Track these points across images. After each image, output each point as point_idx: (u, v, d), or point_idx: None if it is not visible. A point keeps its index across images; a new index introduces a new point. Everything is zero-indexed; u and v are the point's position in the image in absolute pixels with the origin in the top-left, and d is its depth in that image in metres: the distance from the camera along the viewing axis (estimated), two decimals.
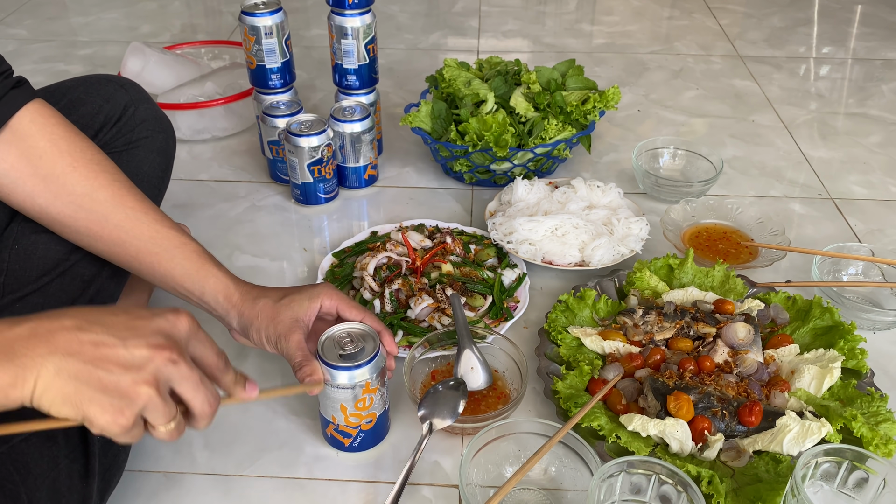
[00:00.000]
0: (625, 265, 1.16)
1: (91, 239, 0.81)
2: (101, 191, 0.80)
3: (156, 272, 0.83)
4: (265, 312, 0.83)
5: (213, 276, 0.83)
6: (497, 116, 1.27)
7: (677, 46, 2.02)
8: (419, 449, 0.85)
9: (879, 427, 0.84)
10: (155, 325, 0.57)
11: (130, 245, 0.81)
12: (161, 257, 0.82)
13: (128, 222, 0.81)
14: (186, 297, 0.85)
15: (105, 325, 0.55)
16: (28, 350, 0.53)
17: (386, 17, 2.16)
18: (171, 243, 0.82)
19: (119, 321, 0.56)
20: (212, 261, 0.85)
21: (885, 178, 1.45)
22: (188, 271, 0.83)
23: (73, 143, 0.79)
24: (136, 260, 0.82)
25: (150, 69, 1.56)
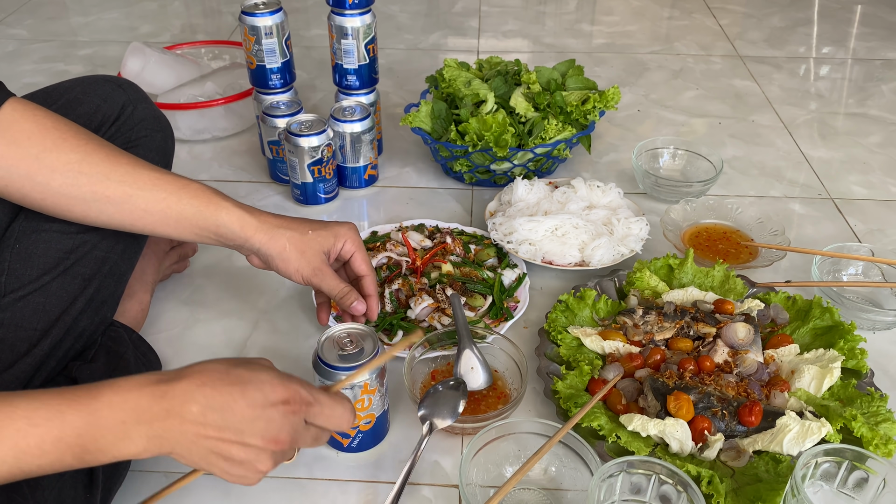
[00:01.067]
0: (625, 265, 1.16)
1: (99, 204, 0.81)
2: (95, 153, 0.80)
3: (168, 218, 0.83)
4: (293, 244, 0.86)
5: (224, 209, 0.84)
6: (497, 116, 1.27)
7: (677, 46, 2.02)
8: (419, 449, 0.85)
9: (879, 427, 0.84)
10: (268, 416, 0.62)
11: (138, 197, 0.81)
12: (169, 201, 0.82)
13: (128, 176, 0.81)
14: (203, 235, 0.85)
15: (225, 413, 0.61)
16: (164, 431, 0.61)
17: (386, 17, 2.16)
18: (174, 186, 0.82)
19: (237, 409, 0.61)
20: (220, 194, 0.85)
21: (885, 178, 1.45)
22: (198, 208, 0.83)
23: (57, 121, 0.79)
24: (146, 213, 0.82)
25: (150, 69, 1.56)
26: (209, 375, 0.62)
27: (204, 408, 0.61)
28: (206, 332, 1.08)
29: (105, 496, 0.78)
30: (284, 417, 0.63)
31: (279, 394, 0.63)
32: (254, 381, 0.62)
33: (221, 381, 0.62)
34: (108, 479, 0.78)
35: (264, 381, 0.63)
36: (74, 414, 0.58)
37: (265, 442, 0.62)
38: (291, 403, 0.63)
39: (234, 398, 0.61)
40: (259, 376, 0.63)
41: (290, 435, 0.64)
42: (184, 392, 0.61)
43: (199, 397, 0.61)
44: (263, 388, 0.62)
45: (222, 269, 1.20)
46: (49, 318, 0.82)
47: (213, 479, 0.87)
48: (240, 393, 0.61)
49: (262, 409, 0.62)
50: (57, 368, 0.84)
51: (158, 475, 0.88)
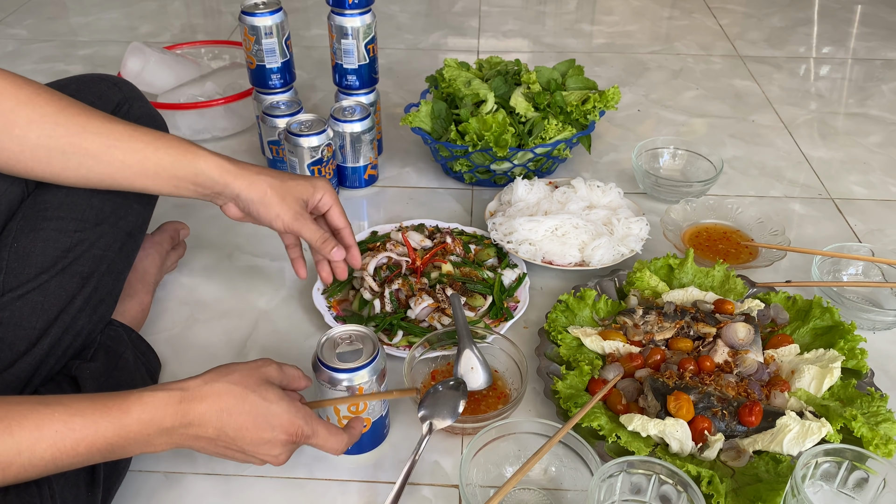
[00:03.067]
0: (625, 265, 1.16)
1: (78, 157, 0.81)
2: (70, 108, 0.80)
3: (146, 170, 0.83)
4: (274, 190, 0.87)
5: (201, 157, 0.85)
6: (497, 116, 1.27)
7: (677, 46, 2.02)
8: (419, 449, 0.85)
9: (879, 427, 0.84)
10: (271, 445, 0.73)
11: (116, 148, 0.82)
12: (146, 152, 0.82)
13: (104, 128, 0.81)
14: (181, 186, 0.85)
15: (235, 439, 0.72)
16: (180, 441, 0.70)
17: (386, 17, 2.16)
18: (150, 136, 0.83)
19: (247, 437, 0.72)
20: (195, 145, 0.86)
21: (885, 178, 1.45)
22: (175, 157, 0.84)
23: (27, 80, 0.80)
24: (124, 164, 0.82)
25: (150, 69, 1.56)
26: (227, 401, 0.70)
27: (219, 431, 0.70)
28: (206, 332, 1.08)
29: (105, 495, 0.78)
30: (284, 446, 0.74)
31: (285, 430, 0.73)
32: (266, 415, 0.72)
33: (238, 409, 0.71)
34: (108, 478, 0.78)
35: (275, 415, 0.72)
36: (107, 425, 0.65)
37: (265, 459, 0.75)
38: (293, 438, 0.74)
39: (247, 428, 0.71)
40: (271, 409, 0.72)
41: (286, 456, 0.76)
42: (202, 416, 0.69)
43: (216, 422, 0.70)
44: (272, 423, 0.72)
45: (222, 269, 1.20)
46: (48, 316, 0.82)
47: (214, 479, 0.87)
48: (252, 424, 0.71)
49: (267, 441, 0.72)
50: (56, 367, 0.84)
51: (158, 475, 0.88)
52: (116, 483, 0.81)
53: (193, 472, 0.88)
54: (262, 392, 0.72)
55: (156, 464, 0.89)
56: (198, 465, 0.89)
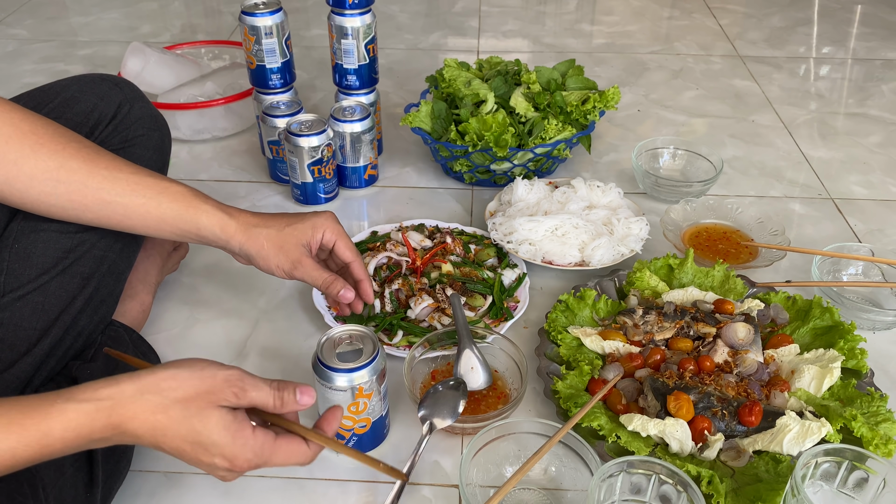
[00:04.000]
0: (625, 265, 1.16)
1: (77, 211, 0.81)
2: (72, 160, 0.79)
3: (149, 223, 0.84)
4: (271, 242, 0.86)
5: (204, 213, 0.84)
6: (497, 116, 1.27)
7: (677, 46, 2.02)
8: (419, 449, 0.85)
9: (879, 427, 0.84)
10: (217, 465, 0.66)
11: (117, 204, 0.81)
12: (148, 206, 0.82)
13: (106, 182, 0.81)
14: (185, 237, 0.86)
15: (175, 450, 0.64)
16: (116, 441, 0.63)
17: (386, 17, 2.16)
18: (153, 190, 0.83)
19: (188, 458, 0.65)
20: (199, 196, 0.85)
21: (885, 178, 1.45)
22: (178, 212, 0.83)
23: (34, 124, 0.79)
24: (126, 217, 0.83)
25: (150, 69, 1.56)
26: (160, 421, 0.63)
27: (155, 445, 0.64)
28: (206, 332, 1.08)
29: (105, 494, 0.78)
30: (230, 473, 0.67)
31: (226, 458, 0.65)
32: (204, 444, 0.64)
33: (173, 432, 0.63)
34: (108, 478, 0.78)
35: (214, 446, 0.64)
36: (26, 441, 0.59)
37: (216, 475, 0.68)
38: (239, 468, 0.66)
39: (184, 451, 0.64)
40: (212, 440, 0.64)
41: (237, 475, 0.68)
42: (135, 432, 0.62)
43: (151, 440, 0.63)
44: (211, 452, 0.64)
45: (222, 269, 1.20)
46: (48, 317, 0.82)
47: (214, 479, 0.87)
48: (190, 449, 0.64)
49: (208, 465, 0.66)
50: (57, 368, 0.84)
51: (158, 475, 0.88)
52: (117, 483, 0.81)
53: (193, 471, 0.88)
54: (204, 419, 0.63)
55: (156, 464, 0.89)
56: None
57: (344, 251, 0.91)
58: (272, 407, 0.67)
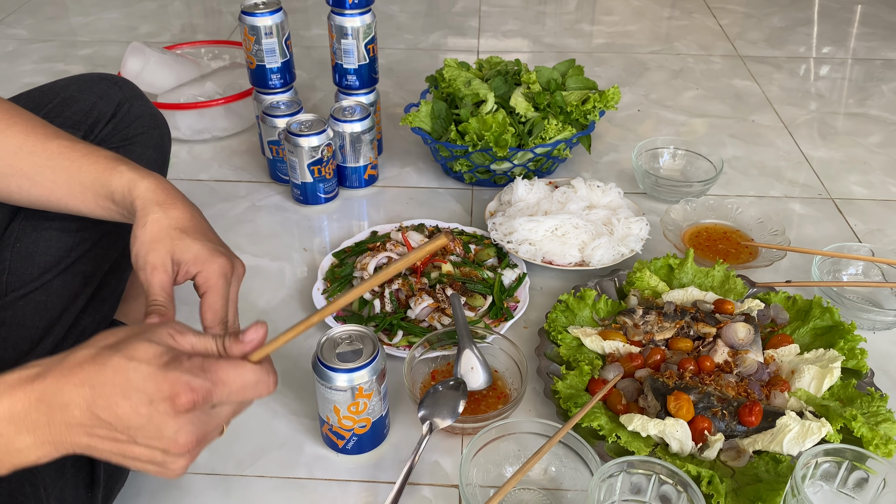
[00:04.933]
0: (625, 265, 1.16)
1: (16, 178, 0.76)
2: (14, 126, 0.76)
3: (73, 190, 0.76)
4: (153, 228, 0.72)
5: (117, 174, 0.74)
6: (497, 116, 1.27)
7: (677, 46, 2.02)
8: (419, 449, 0.85)
9: (879, 427, 0.84)
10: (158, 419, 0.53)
11: (46, 168, 0.76)
12: (71, 170, 0.75)
13: (39, 146, 0.76)
14: (107, 209, 0.76)
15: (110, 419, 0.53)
16: (52, 437, 0.53)
17: (386, 17, 2.16)
18: (79, 153, 0.76)
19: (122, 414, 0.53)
20: (121, 160, 0.75)
21: (885, 178, 1.45)
22: (96, 175, 0.74)
23: None
24: (55, 184, 0.76)
25: (150, 69, 1.56)
26: (87, 370, 0.53)
27: (86, 412, 0.53)
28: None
29: (106, 495, 0.78)
30: (177, 417, 0.53)
31: (162, 391, 0.53)
32: (135, 375, 0.53)
33: (99, 375, 0.53)
34: (109, 478, 0.78)
35: (146, 375, 0.53)
36: None
37: (164, 445, 0.54)
38: (181, 398, 0.53)
39: (116, 401, 0.52)
40: (140, 369, 0.53)
41: (191, 434, 0.54)
42: (60, 393, 0.53)
43: (79, 399, 0.52)
44: (146, 385, 0.52)
45: None
46: (51, 316, 0.82)
47: (214, 479, 0.87)
48: (120, 392, 0.52)
49: (147, 412, 0.53)
50: None
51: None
52: (119, 483, 0.81)
53: (193, 471, 0.88)
54: (129, 351, 0.54)
55: None
56: (198, 465, 0.89)
57: (206, 311, 0.75)
58: (215, 350, 0.58)
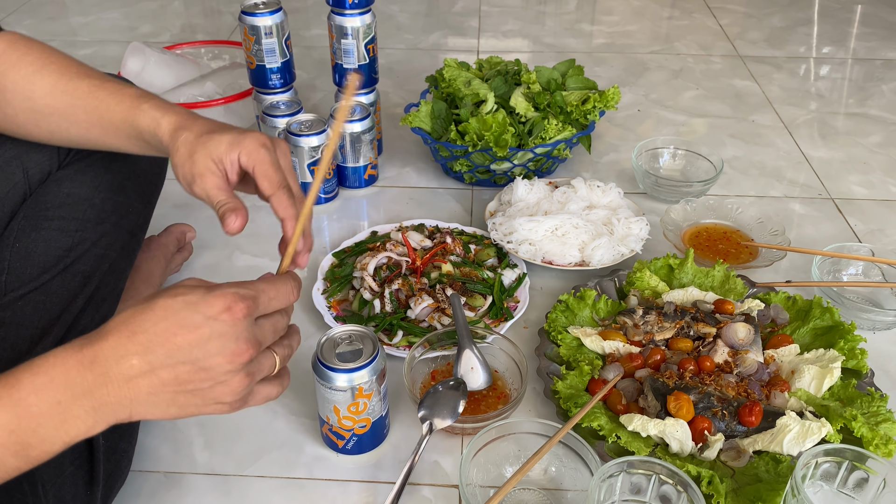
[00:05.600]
0: (625, 265, 1.16)
1: (53, 117, 0.80)
2: (50, 65, 0.79)
3: (106, 128, 0.79)
4: (186, 147, 0.73)
5: (143, 113, 0.75)
6: (497, 116, 1.27)
7: (677, 46, 2.02)
8: (419, 449, 0.85)
9: (879, 427, 0.84)
10: (217, 332, 0.56)
11: (78, 107, 0.79)
12: (100, 109, 0.78)
13: (71, 85, 0.79)
14: (140, 146, 0.79)
15: (170, 352, 0.55)
16: (112, 398, 0.55)
17: (386, 17, 2.16)
18: (108, 91, 0.78)
19: (181, 341, 0.55)
20: (147, 97, 0.77)
21: (885, 178, 1.45)
22: (122, 115, 0.77)
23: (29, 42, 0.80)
24: (88, 123, 0.79)
25: (150, 69, 1.56)
26: (134, 321, 0.56)
27: (144, 355, 0.55)
28: None
29: (106, 493, 0.78)
30: (234, 325, 0.57)
31: (216, 305, 0.56)
32: (184, 305, 0.56)
33: (149, 320, 0.56)
34: (109, 476, 0.78)
35: (195, 301, 0.56)
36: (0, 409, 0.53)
37: (227, 358, 0.56)
38: (233, 308, 0.57)
39: (172, 331, 0.55)
40: (187, 298, 0.56)
41: (248, 340, 0.57)
42: (114, 348, 0.55)
43: (135, 347, 0.55)
44: (198, 308, 0.56)
45: (222, 269, 1.20)
46: (50, 316, 0.82)
47: (214, 479, 0.87)
48: (176, 323, 0.55)
49: (207, 328, 0.56)
50: None
51: (158, 475, 0.88)
52: (119, 482, 0.81)
53: (193, 471, 0.88)
54: (170, 291, 0.57)
55: (156, 464, 0.89)
56: (198, 466, 0.89)
57: (261, 180, 0.72)
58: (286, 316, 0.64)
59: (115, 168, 0.93)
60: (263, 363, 0.60)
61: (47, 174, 0.90)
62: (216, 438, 0.92)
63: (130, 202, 0.93)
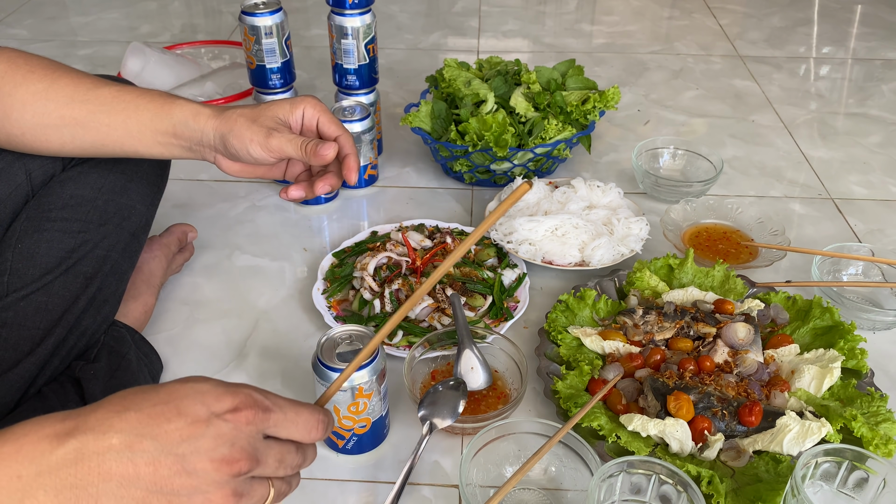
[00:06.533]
0: (625, 265, 1.16)
1: (69, 128, 0.81)
2: (61, 80, 0.82)
3: (130, 130, 0.82)
4: (245, 118, 0.80)
5: (177, 106, 0.81)
6: (497, 116, 1.27)
7: (677, 46, 2.02)
8: (419, 449, 0.85)
9: (879, 427, 0.84)
10: (215, 431, 0.50)
11: (100, 113, 0.81)
12: (128, 111, 0.81)
13: (90, 94, 0.81)
14: (165, 144, 0.83)
15: (157, 438, 0.48)
16: (79, 480, 0.47)
17: (386, 17, 2.16)
18: (132, 95, 0.82)
19: (173, 430, 0.49)
20: (174, 97, 0.83)
21: (885, 178, 1.45)
22: (154, 112, 0.81)
23: (29, 57, 0.82)
24: (110, 128, 0.82)
25: (150, 69, 1.56)
26: (132, 397, 0.50)
27: (129, 436, 0.48)
28: (205, 332, 1.08)
29: None
30: (237, 429, 0.50)
31: (225, 403, 0.50)
32: (191, 393, 0.50)
33: (148, 400, 0.50)
34: None
35: (205, 391, 0.51)
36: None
37: (215, 464, 0.49)
38: (243, 410, 0.51)
39: (168, 417, 0.49)
40: (197, 387, 0.51)
41: (244, 450, 0.50)
42: (100, 421, 0.48)
43: (122, 424, 0.48)
44: (205, 399, 0.50)
45: (222, 269, 1.20)
46: (52, 317, 0.82)
47: None
48: (174, 409, 0.49)
49: (205, 424, 0.49)
50: (60, 368, 0.84)
51: None
52: None
53: None
54: (186, 378, 0.53)
55: None
56: None
57: (328, 125, 0.84)
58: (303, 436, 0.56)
59: (119, 170, 0.93)
60: (255, 490, 0.53)
61: (50, 176, 0.90)
62: None
63: (133, 204, 0.93)
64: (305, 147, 0.80)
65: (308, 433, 0.56)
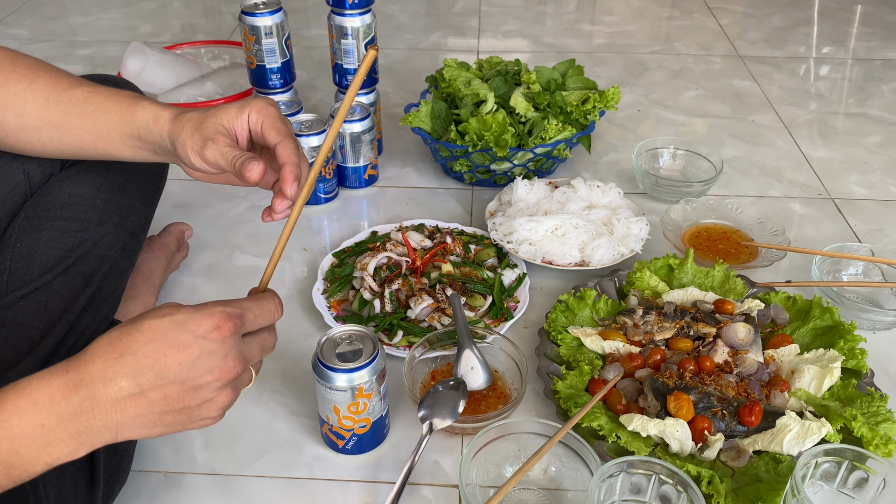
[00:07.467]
0: (625, 265, 1.16)
1: (46, 130, 0.80)
2: (40, 80, 0.79)
3: (101, 132, 0.79)
4: (191, 123, 0.74)
5: (140, 109, 0.77)
6: (497, 116, 1.27)
7: (677, 46, 2.02)
8: (419, 449, 0.85)
9: (879, 427, 0.84)
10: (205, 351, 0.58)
11: (73, 115, 0.79)
12: (97, 113, 0.78)
13: (64, 95, 0.79)
14: (133, 147, 0.80)
15: (159, 371, 0.56)
16: (96, 421, 0.55)
17: (386, 17, 2.16)
18: (102, 97, 0.79)
19: (171, 361, 0.56)
20: (140, 98, 0.79)
21: (885, 178, 1.45)
22: (120, 114, 0.78)
23: (13, 56, 0.80)
24: (83, 130, 0.79)
25: (150, 69, 1.56)
26: (122, 342, 0.56)
27: (134, 377, 0.55)
28: None
29: (107, 493, 0.78)
30: (223, 343, 0.58)
31: (205, 324, 0.58)
32: (172, 325, 0.57)
33: (137, 341, 0.56)
34: (110, 476, 0.78)
35: (183, 320, 0.57)
36: None
37: (216, 375, 0.58)
38: (221, 326, 0.58)
39: (162, 351, 0.56)
40: (175, 318, 0.57)
41: (236, 358, 0.59)
42: (102, 371, 0.55)
43: (124, 368, 0.55)
44: (187, 326, 0.57)
45: (222, 269, 1.20)
46: (51, 316, 0.82)
47: (214, 479, 0.87)
48: (165, 343, 0.56)
49: (196, 347, 0.57)
50: None
51: (159, 475, 0.88)
52: (119, 482, 0.81)
53: (193, 471, 0.88)
54: (155, 312, 0.58)
55: (156, 464, 0.89)
56: (197, 465, 0.89)
57: (270, 131, 0.73)
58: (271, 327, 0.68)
59: (117, 169, 0.93)
60: (244, 377, 0.63)
61: (48, 175, 0.90)
62: (216, 438, 0.92)
63: (132, 203, 0.93)
64: (235, 163, 0.71)
65: (273, 317, 0.66)
